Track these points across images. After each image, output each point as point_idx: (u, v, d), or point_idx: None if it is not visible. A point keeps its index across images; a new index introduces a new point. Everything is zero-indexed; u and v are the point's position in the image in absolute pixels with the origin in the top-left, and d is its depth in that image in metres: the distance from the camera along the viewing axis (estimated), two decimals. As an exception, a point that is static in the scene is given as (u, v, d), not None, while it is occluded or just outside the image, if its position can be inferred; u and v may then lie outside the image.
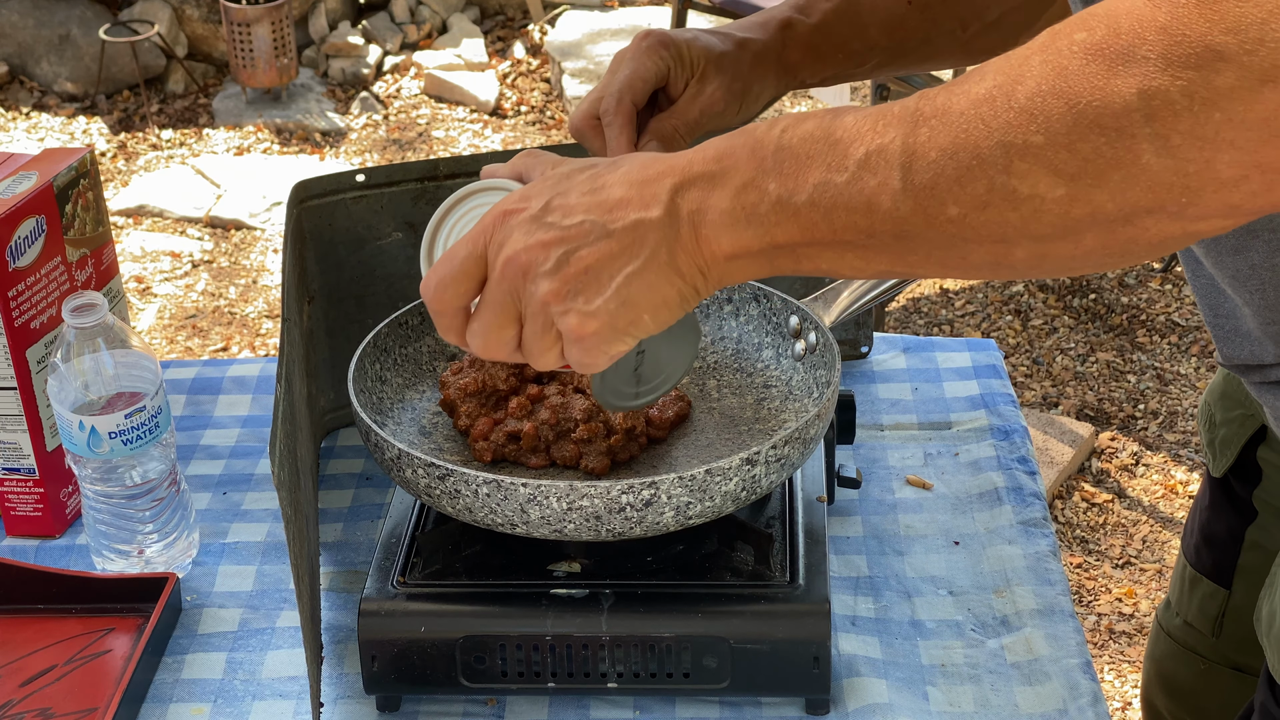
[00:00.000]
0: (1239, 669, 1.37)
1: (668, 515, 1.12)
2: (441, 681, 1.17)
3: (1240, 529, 1.33)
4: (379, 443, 1.17)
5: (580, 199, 0.88)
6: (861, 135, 0.81)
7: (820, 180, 0.82)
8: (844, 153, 0.81)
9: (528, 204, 0.89)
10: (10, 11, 4.88)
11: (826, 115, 0.84)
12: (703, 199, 0.86)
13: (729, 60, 1.22)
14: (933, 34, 1.28)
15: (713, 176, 0.86)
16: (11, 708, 1.21)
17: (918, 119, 0.79)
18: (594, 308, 0.89)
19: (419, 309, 1.37)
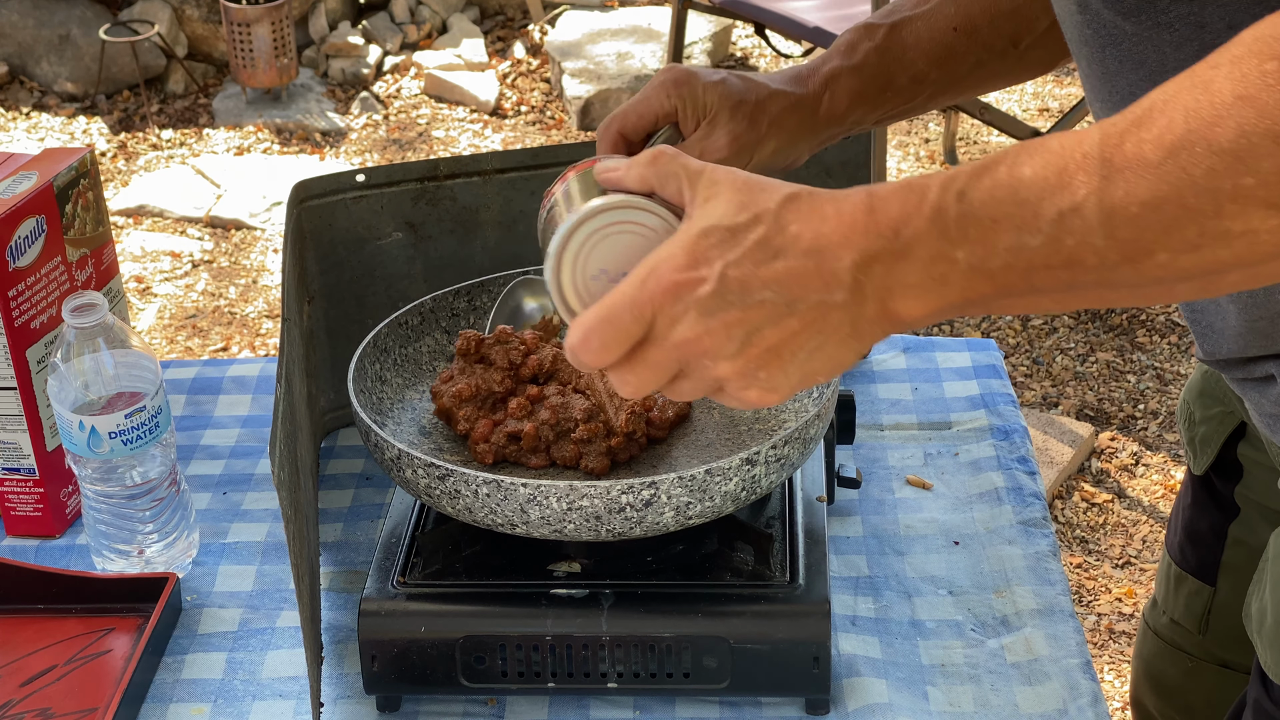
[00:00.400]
0: (1226, 666, 1.38)
1: (667, 515, 1.12)
2: (441, 681, 1.17)
3: (1223, 526, 1.33)
4: (379, 443, 1.17)
5: (757, 270, 0.84)
6: (1049, 191, 0.78)
7: (1013, 244, 0.80)
8: (1034, 213, 0.79)
9: (699, 274, 0.84)
10: (10, 11, 4.88)
11: (1002, 167, 0.80)
12: (888, 275, 0.83)
13: (746, 110, 1.19)
14: (984, 57, 1.25)
15: (895, 252, 0.82)
16: (11, 708, 1.21)
17: (1109, 171, 0.77)
18: (776, 384, 0.87)
19: (418, 309, 1.37)
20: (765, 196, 0.85)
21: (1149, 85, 0.93)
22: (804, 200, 0.85)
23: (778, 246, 0.84)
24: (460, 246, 1.48)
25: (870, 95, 1.23)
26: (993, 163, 0.81)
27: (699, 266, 0.84)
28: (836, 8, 3.58)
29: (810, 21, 3.51)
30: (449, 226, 1.48)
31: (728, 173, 0.88)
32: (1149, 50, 0.92)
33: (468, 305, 1.40)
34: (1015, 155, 0.80)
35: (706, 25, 4.93)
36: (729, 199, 0.86)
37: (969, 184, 0.81)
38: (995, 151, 0.83)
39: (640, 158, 0.92)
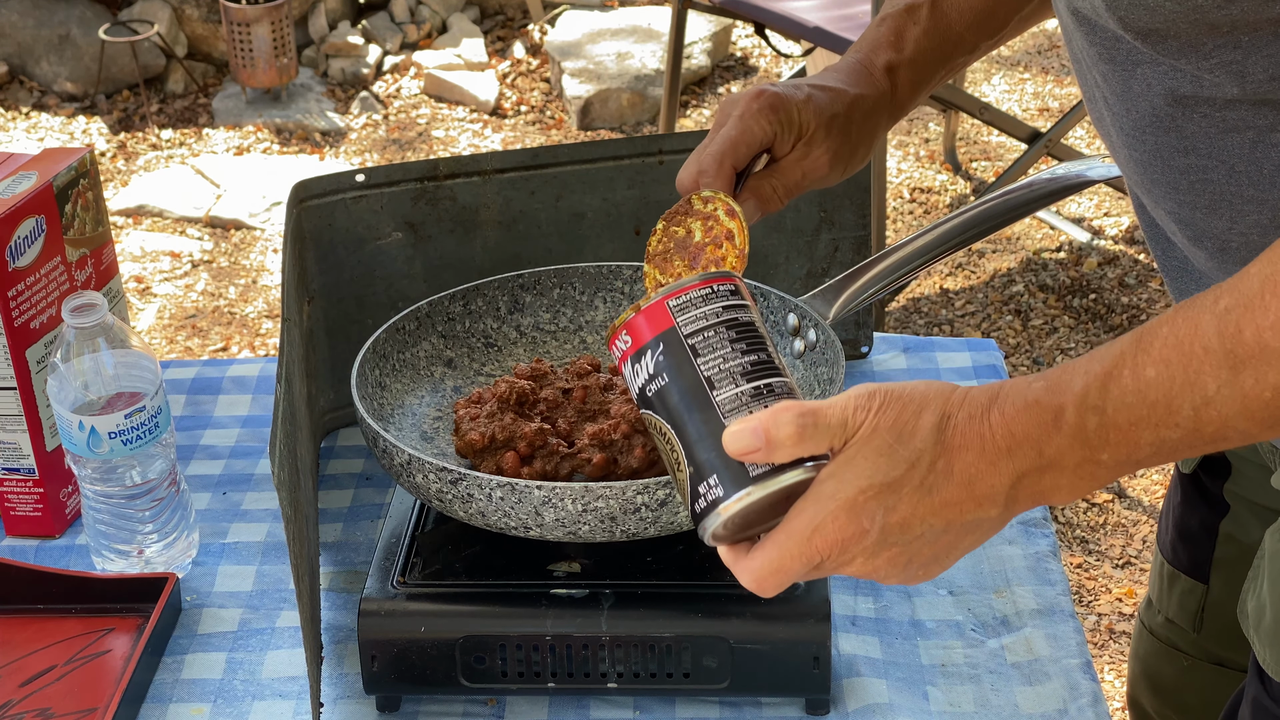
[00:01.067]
0: (1221, 664, 1.38)
1: (682, 515, 1.12)
2: (441, 681, 1.17)
3: (1214, 523, 1.33)
4: (387, 448, 1.17)
5: (914, 509, 0.88)
6: (1179, 390, 0.82)
7: (1154, 439, 0.84)
8: (1168, 411, 0.83)
9: (862, 528, 0.88)
10: (10, 11, 4.88)
11: (1125, 372, 0.84)
12: (1037, 484, 0.88)
13: (839, 123, 1.20)
14: (1023, 6, 1.26)
15: (1041, 468, 0.87)
16: (11, 708, 1.21)
17: (1235, 363, 0.80)
18: (930, 575, 0.93)
19: (415, 314, 1.37)
20: (916, 441, 0.87)
21: (1177, 111, 0.93)
22: (950, 434, 0.88)
23: (931, 484, 0.87)
24: (460, 246, 1.48)
25: (926, 80, 1.25)
26: (1115, 368, 0.84)
27: (861, 520, 0.88)
28: (836, 8, 3.58)
29: (810, 21, 3.51)
30: (449, 226, 1.48)
31: (869, 423, 0.88)
32: (1184, 82, 0.92)
33: (463, 309, 1.40)
34: (1134, 357, 0.84)
35: (706, 25, 4.93)
36: (879, 448, 0.88)
37: (1097, 396, 0.85)
38: (1108, 350, 0.86)
39: (783, 435, 0.88)
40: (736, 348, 0.93)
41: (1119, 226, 3.97)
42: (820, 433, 0.88)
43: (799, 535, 0.89)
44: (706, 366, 0.92)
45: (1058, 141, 3.61)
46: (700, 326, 0.93)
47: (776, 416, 0.88)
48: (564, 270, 1.43)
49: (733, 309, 0.94)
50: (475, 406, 1.26)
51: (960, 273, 3.82)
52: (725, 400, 0.91)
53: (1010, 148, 4.33)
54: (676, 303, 0.93)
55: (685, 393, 0.92)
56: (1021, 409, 0.86)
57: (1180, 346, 0.82)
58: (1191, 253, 1.02)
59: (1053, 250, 3.89)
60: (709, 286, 0.94)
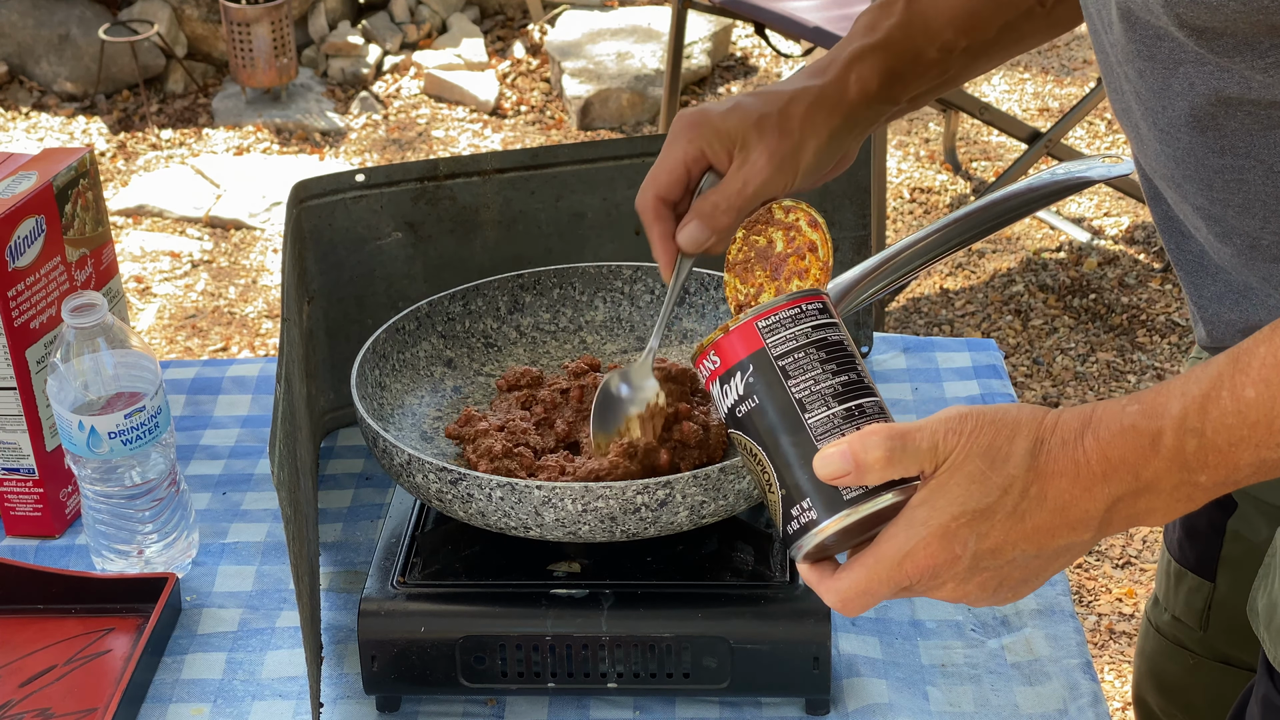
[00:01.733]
0: (1227, 662, 1.38)
1: (682, 515, 1.12)
2: (441, 681, 1.17)
3: (1221, 521, 1.33)
4: (387, 448, 1.17)
5: (1006, 535, 0.88)
6: (1278, 410, 0.83)
7: (1254, 460, 0.84)
8: (1269, 431, 0.83)
9: (954, 554, 0.88)
10: (10, 11, 4.88)
11: (1224, 394, 0.84)
12: (1132, 508, 0.87)
13: (770, 122, 1.15)
14: (1011, 18, 1.22)
15: (1137, 491, 0.86)
16: (11, 708, 1.21)
17: None
18: (1019, 594, 0.93)
19: (415, 314, 1.37)
20: (1009, 467, 0.87)
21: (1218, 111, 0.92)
22: (1043, 460, 0.87)
23: (1025, 511, 0.87)
24: (460, 246, 1.48)
25: (900, 71, 1.20)
26: (1214, 389, 0.84)
27: (953, 547, 0.88)
28: (836, 7, 3.58)
29: (810, 21, 3.50)
30: (449, 226, 1.47)
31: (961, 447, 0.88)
32: (1231, 82, 0.92)
33: (463, 309, 1.40)
34: (1232, 376, 0.84)
35: (706, 25, 4.93)
36: (972, 474, 0.87)
37: (1195, 417, 0.84)
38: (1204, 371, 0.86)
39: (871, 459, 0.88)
40: (827, 369, 0.92)
41: (1119, 226, 3.97)
42: (909, 456, 0.88)
43: (889, 560, 0.88)
44: (798, 389, 0.92)
45: (1058, 141, 3.61)
46: (790, 348, 0.92)
47: (865, 440, 0.88)
48: (564, 270, 1.43)
49: (822, 328, 0.94)
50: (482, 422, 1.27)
51: (960, 273, 3.81)
52: (817, 423, 0.91)
53: (1010, 148, 4.33)
54: (766, 324, 0.93)
55: (777, 415, 0.92)
56: (1117, 434, 0.86)
57: (1272, 364, 0.82)
58: (1215, 248, 1.02)
59: (1053, 250, 3.89)
60: (798, 306, 0.94)
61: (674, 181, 1.15)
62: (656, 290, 1.42)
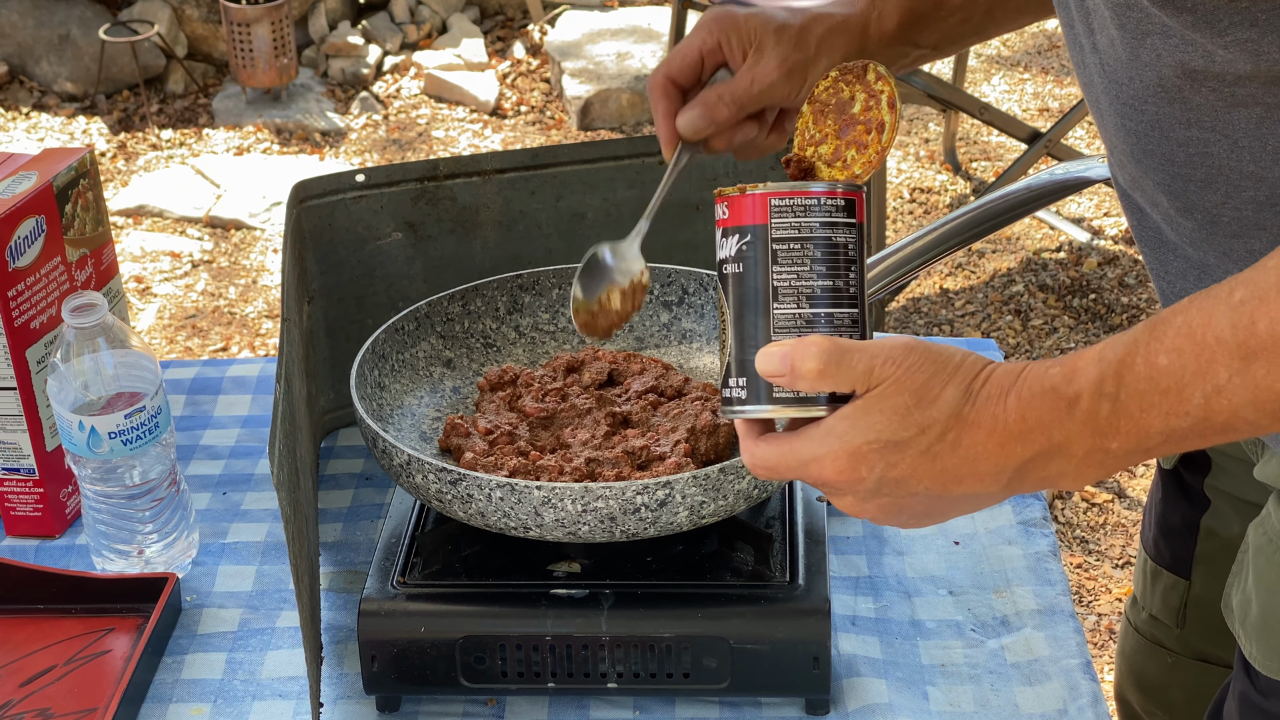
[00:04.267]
0: (1204, 659, 1.38)
1: (682, 515, 1.12)
2: (441, 681, 1.17)
3: (1195, 519, 1.34)
4: (387, 449, 1.17)
5: (913, 470, 0.89)
6: (1190, 378, 0.82)
7: (1164, 428, 0.84)
8: (1179, 399, 0.83)
9: (859, 475, 0.90)
10: (10, 11, 4.88)
11: (1139, 359, 0.84)
12: (1043, 469, 0.88)
13: (790, 32, 1.18)
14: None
15: (1050, 454, 0.87)
16: (11, 708, 1.21)
17: (1246, 354, 0.81)
18: (920, 525, 0.95)
19: (414, 314, 1.37)
20: (933, 410, 0.88)
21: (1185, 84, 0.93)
22: (967, 409, 0.88)
23: (937, 452, 0.88)
24: (460, 246, 1.48)
25: (922, 14, 1.22)
26: (1130, 355, 0.85)
27: (860, 469, 0.90)
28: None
29: (810, 21, 3.50)
30: (449, 226, 1.48)
31: (894, 377, 0.89)
32: (1196, 55, 0.92)
33: (462, 309, 1.40)
34: (1147, 344, 0.84)
35: (706, 25, 4.93)
36: (897, 406, 0.89)
37: (1111, 384, 0.85)
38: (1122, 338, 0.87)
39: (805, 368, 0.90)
40: (816, 269, 0.93)
41: (1119, 226, 3.97)
42: (843, 373, 0.89)
43: (799, 457, 0.91)
44: (778, 277, 0.93)
45: (1058, 141, 3.61)
46: (790, 235, 0.93)
47: (805, 348, 0.90)
48: (563, 270, 1.43)
49: (832, 226, 0.94)
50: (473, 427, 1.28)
51: (960, 273, 3.82)
52: (781, 316, 0.93)
53: (1010, 148, 4.33)
54: (779, 203, 0.93)
55: (752, 291, 0.93)
56: (1038, 395, 0.87)
57: (1193, 335, 0.82)
58: (1174, 223, 1.02)
59: (1053, 250, 3.89)
60: (816, 198, 0.94)
61: (687, 66, 1.18)
62: (655, 290, 1.42)
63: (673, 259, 1.46)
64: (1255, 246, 0.97)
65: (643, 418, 1.27)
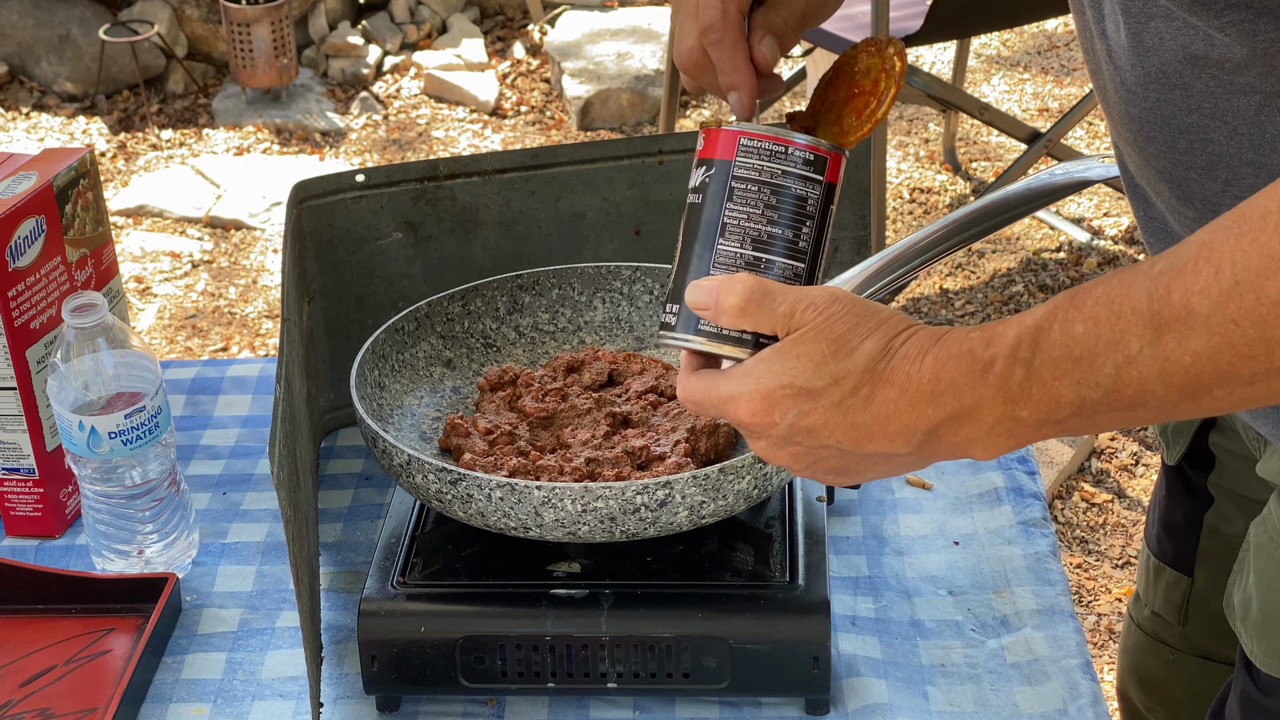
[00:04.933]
0: (1206, 657, 1.38)
1: (682, 515, 1.12)
2: (441, 681, 1.17)
3: (1198, 515, 1.34)
4: (386, 449, 1.17)
5: (824, 420, 0.89)
6: (1103, 347, 0.82)
7: (1074, 397, 0.84)
8: (1090, 368, 0.83)
9: (771, 419, 0.90)
10: (10, 11, 4.88)
11: (1055, 326, 0.84)
12: (954, 434, 0.88)
13: None
14: None
15: (960, 417, 0.87)
16: (11, 708, 1.21)
17: (1159, 324, 0.80)
18: (838, 482, 0.96)
19: (414, 314, 1.37)
20: (848, 362, 0.89)
21: (1186, 69, 0.93)
22: (882, 365, 0.88)
23: (849, 406, 0.89)
24: (460, 246, 1.48)
25: None
26: (1047, 321, 0.84)
27: (773, 414, 0.90)
28: (836, 8, 3.58)
29: (810, 21, 3.50)
30: (449, 226, 1.48)
31: (814, 324, 0.90)
32: (1196, 39, 0.92)
33: (462, 310, 1.40)
34: (1065, 311, 0.84)
35: (706, 25, 4.93)
36: (813, 353, 0.89)
37: (1027, 350, 0.84)
38: (1043, 305, 0.87)
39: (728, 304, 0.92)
40: (768, 214, 0.94)
41: (1119, 226, 3.97)
42: (764, 314, 0.91)
43: (719, 395, 0.92)
44: (729, 214, 0.94)
45: (1058, 141, 3.61)
46: (750, 176, 0.94)
47: (730, 284, 0.92)
48: (563, 270, 1.43)
49: (794, 178, 0.94)
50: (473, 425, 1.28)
51: (960, 273, 3.82)
52: (723, 253, 0.94)
53: (1010, 148, 4.33)
54: (747, 143, 0.94)
55: (703, 223, 0.95)
56: (955, 356, 0.87)
57: (1110, 305, 0.82)
58: (1176, 212, 1.02)
59: (1052, 250, 3.89)
60: (785, 146, 0.95)
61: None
62: (655, 291, 1.42)
63: (673, 259, 1.46)
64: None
65: (643, 418, 1.27)
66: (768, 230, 0.94)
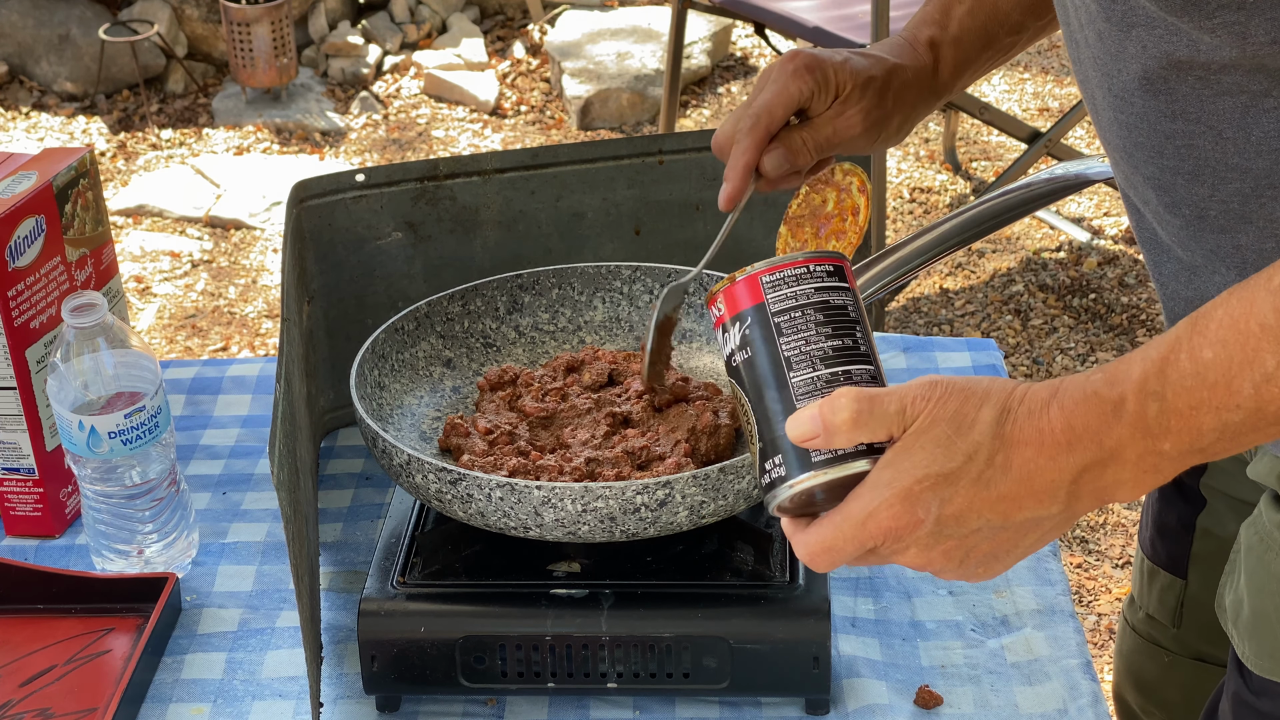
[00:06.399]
0: (1200, 658, 1.39)
1: (682, 515, 1.12)
2: (441, 681, 1.17)
3: (1191, 518, 1.34)
4: (386, 448, 1.17)
5: (970, 501, 0.87)
6: (1238, 369, 0.82)
7: (1217, 423, 0.83)
8: (1229, 392, 0.82)
9: (917, 518, 0.88)
10: (10, 11, 4.88)
11: (1183, 355, 0.83)
12: (1098, 480, 0.87)
13: (875, 86, 1.21)
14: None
15: (1102, 461, 0.86)
16: (11, 708, 1.21)
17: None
18: (990, 573, 0.93)
19: (414, 314, 1.37)
20: (974, 433, 0.87)
21: (1170, 74, 0.93)
22: (1009, 428, 0.87)
23: (989, 479, 0.87)
24: (460, 246, 1.48)
25: (972, 59, 1.26)
26: (1173, 352, 0.84)
27: (916, 511, 0.88)
28: (836, 8, 3.58)
29: (810, 21, 3.50)
30: (449, 226, 1.47)
31: (928, 412, 0.88)
32: (1180, 45, 0.92)
33: (462, 309, 1.40)
34: (1189, 339, 0.83)
35: (706, 25, 4.93)
36: (938, 438, 0.88)
37: (1155, 382, 0.84)
38: (1164, 336, 0.86)
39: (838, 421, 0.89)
40: (822, 331, 0.93)
41: (1119, 226, 3.97)
42: (877, 420, 0.88)
43: (853, 519, 0.89)
44: (788, 347, 0.93)
45: (1058, 141, 3.61)
46: (788, 306, 0.93)
47: (834, 403, 0.89)
48: (563, 270, 1.43)
49: (826, 290, 0.94)
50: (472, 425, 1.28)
51: (960, 273, 3.81)
52: (800, 383, 0.92)
53: (1010, 148, 4.33)
54: (770, 279, 0.94)
55: (765, 370, 0.93)
56: (1080, 401, 0.86)
57: (1236, 325, 0.81)
58: (1163, 220, 1.02)
59: (1052, 250, 3.89)
60: (805, 266, 0.94)
61: (784, 117, 1.19)
62: (655, 290, 1.42)
63: (673, 259, 1.46)
64: (1242, 241, 0.98)
65: (643, 418, 1.27)
66: (829, 346, 0.93)
